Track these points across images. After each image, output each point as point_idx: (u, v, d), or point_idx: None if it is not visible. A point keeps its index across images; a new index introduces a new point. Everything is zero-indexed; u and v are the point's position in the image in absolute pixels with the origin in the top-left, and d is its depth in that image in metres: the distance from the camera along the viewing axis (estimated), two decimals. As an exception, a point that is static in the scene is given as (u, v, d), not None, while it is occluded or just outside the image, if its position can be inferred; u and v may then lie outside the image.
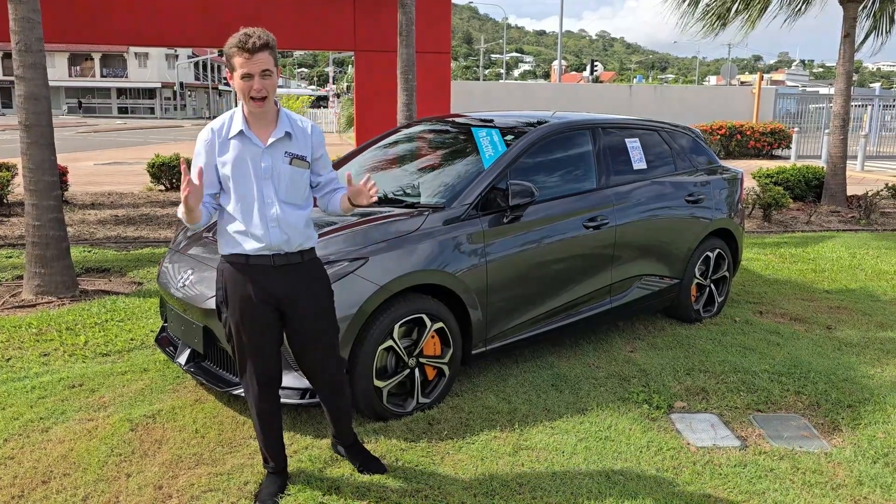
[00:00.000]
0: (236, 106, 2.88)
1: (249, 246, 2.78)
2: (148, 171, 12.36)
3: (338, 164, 5.06)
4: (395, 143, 5.37)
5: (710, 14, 12.12)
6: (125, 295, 5.94)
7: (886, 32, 11.93)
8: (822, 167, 12.31)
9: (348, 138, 28.39)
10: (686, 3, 12.18)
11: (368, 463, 3.22)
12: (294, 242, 2.81)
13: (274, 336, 2.90)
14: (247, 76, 2.65)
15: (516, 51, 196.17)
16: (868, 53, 13.55)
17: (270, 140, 2.77)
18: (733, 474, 3.29)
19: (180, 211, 2.69)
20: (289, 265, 2.82)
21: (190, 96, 71.13)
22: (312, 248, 2.92)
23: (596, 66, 47.41)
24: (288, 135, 2.81)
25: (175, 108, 67.42)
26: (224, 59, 2.75)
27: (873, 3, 11.71)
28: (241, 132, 2.76)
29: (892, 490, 3.21)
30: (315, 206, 3.00)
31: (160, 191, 12.35)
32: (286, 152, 2.80)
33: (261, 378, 2.92)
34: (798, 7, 11.91)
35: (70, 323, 5.18)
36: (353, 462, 3.23)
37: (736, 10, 12.08)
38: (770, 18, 12.16)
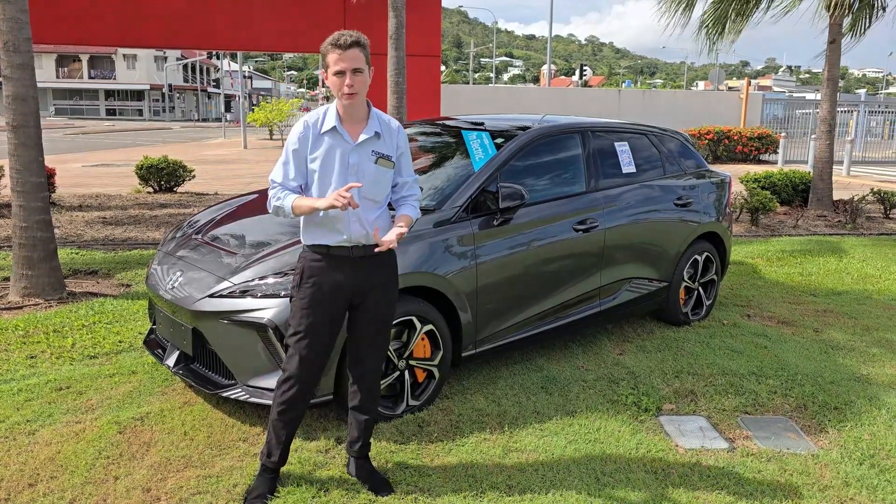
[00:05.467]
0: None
1: (331, 238, 2.89)
2: (136, 173, 12.29)
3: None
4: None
5: (708, 22, 12.19)
6: (113, 297, 5.91)
7: (861, 34, 12.08)
8: (809, 172, 12.41)
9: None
10: (684, 11, 12.23)
11: (379, 484, 3.12)
12: (372, 237, 2.88)
13: (334, 330, 2.97)
14: (339, 73, 2.77)
15: (506, 55, 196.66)
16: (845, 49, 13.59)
17: (361, 138, 2.88)
18: (721, 476, 3.31)
19: (321, 203, 2.75)
20: (366, 257, 2.92)
21: (178, 98, 70.81)
22: None
23: (585, 70, 47.55)
24: (377, 134, 2.92)
25: (163, 111, 67.10)
26: (320, 59, 2.85)
27: (853, 4, 11.87)
28: (333, 128, 2.86)
29: (878, 491, 3.24)
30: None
31: (148, 192, 12.29)
32: (373, 151, 2.91)
33: (304, 373, 2.94)
34: (785, 8, 12.01)
35: (57, 325, 5.14)
36: (362, 480, 3.14)
37: (732, 19, 12.17)
38: (756, 22, 12.27)
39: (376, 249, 2.83)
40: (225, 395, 3.57)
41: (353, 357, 3.10)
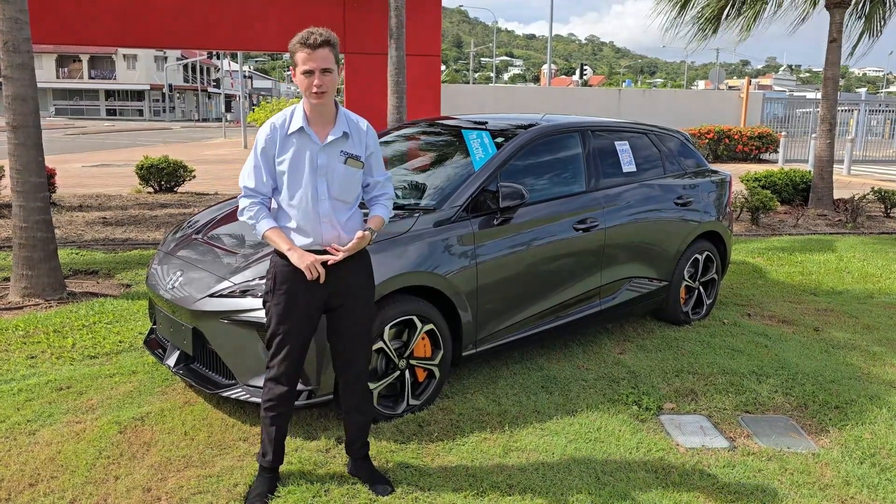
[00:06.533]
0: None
1: (301, 241, 2.86)
2: (136, 174, 12.29)
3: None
4: (386, 144, 5.37)
5: (702, 19, 12.21)
6: (113, 297, 5.91)
7: (878, 34, 12.05)
8: (810, 171, 12.41)
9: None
10: (676, 8, 12.24)
11: (380, 484, 3.11)
12: (344, 238, 2.88)
13: (310, 331, 2.96)
14: (308, 72, 2.75)
15: (506, 54, 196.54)
16: (854, 59, 13.58)
17: (329, 139, 2.86)
18: (722, 475, 3.31)
19: (293, 255, 2.80)
20: (339, 260, 2.86)
21: (179, 98, 70.82)
22: None
23: (585, 69, 47.55)
24: (345, 135, 2.89)
25: (164, 111, 67.12)
26: (289, 56, 2.84)
27: (863, 5, 11.82)
28: (300, 129, 2.83)
29: (879, 490, 3.23)
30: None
31: (149, 193, 12.29)
32: (342, 151, 2.88)
33: (287, 371, 2.94)
34: (802, 16, 12.02)
35: (57, 325, 5.14)
36: (363, 480, 3.14)
37: (727, 16, 12.18)
38: (763, 26, 12.29)
39: (330, 262, 2.82)
40: (225, 394, 3.57)
41: (343, 361, 3.08)
